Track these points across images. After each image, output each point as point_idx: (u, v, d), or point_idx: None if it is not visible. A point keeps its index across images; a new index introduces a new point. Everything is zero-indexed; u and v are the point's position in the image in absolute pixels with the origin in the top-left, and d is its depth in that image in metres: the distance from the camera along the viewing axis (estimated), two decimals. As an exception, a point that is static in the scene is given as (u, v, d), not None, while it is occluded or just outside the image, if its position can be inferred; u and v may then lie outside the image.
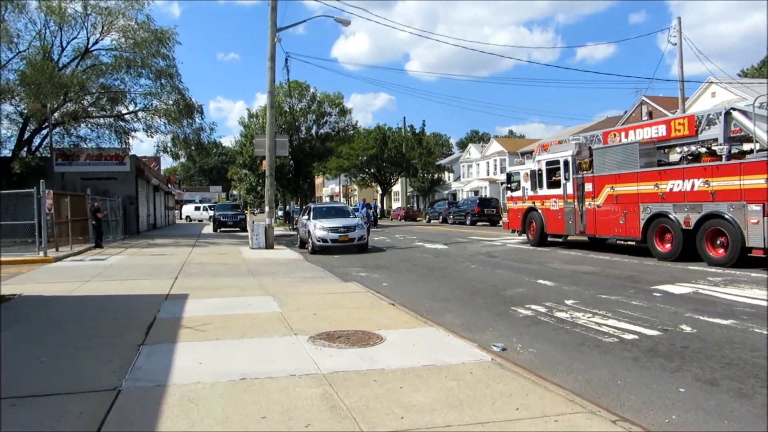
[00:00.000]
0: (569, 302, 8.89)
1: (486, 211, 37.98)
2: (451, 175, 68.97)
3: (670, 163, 15.06)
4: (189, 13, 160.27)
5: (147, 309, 8.14)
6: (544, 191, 18.34)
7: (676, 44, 25.44)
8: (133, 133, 26.99)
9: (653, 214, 14.14)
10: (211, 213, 47.63)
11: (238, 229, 34.92)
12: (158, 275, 12.24)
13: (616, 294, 9.42)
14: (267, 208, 21.03)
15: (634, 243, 15.94)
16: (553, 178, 17.84)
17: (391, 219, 57.10)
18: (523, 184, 19.63)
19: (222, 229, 35.35)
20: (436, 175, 61.37)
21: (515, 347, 6.49)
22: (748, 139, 12.94)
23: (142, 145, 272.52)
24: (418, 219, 54.40)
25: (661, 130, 15.05)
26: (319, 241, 18.72)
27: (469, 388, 4.62)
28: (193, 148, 28.01)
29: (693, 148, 14.54)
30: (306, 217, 20.72)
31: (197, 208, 64.69)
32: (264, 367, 5.18)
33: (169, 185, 51.78)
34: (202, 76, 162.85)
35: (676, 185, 13.58)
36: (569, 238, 18.28)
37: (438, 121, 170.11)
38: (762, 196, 11.45)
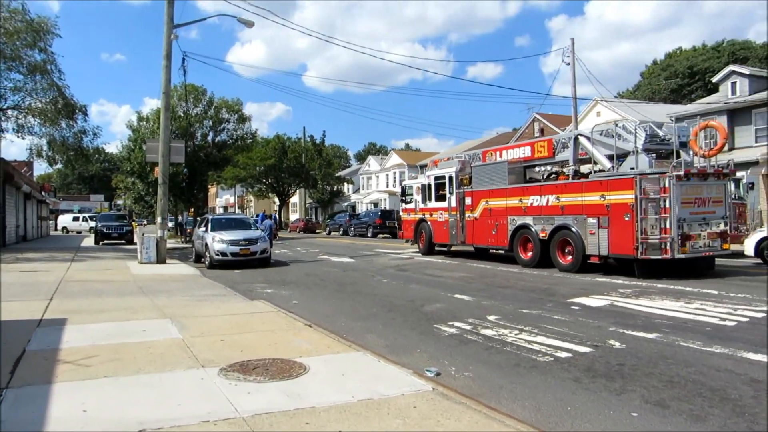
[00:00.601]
0: (492, 318, 8.60)
1: (387, 223, 37.87)
2: (351, 186, 68.69)
3: (532, 181, 16.66)
4: (70, 8, 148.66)
5: (13, 339, 6.78)
6: (433, 204, 19.60)
7: (569, 64, 26.78)
8: (1, 134, 23.96)
9: (518, 226, 15.77)
10: (93, 224, 43.75)
11: (123, 241, 32.20)
12: (29, 296, 10.56)
13: (536, 308, 9.27)
14: (159, 219, 19.33)
15: (503, 251, 17.22)
16: (440, 192, 19.11)
17: (290, 231, 55.74)
18: (415, 197, 20.81)
19: (105, 241, 32.45)
20: (336, 187, 60.74)
21: (449, 371, 6.00)
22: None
23: (11, 147, 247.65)
24: (318, 231, 53.48)
25: (527, 151, 16.81)
26: (217, 254, 17.42)
27: (418, 427, 4.02)
28: (72, 153, 25.36)
29: (549, 168, 16.58)
30: (203, 228, 19.29)
31: (76, 219, 59.35)
32: (169, 412, 4.26)
33: (44, 193, 46.95)
34: (85, 77, 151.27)
35: (536, 200, 15.20)
36: (453, 248, 19.73)
37: (335, 133, 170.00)
38: (598, 211, 13.23)
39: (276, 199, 65.54)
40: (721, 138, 14.27)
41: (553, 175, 15.99)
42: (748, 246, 14.67)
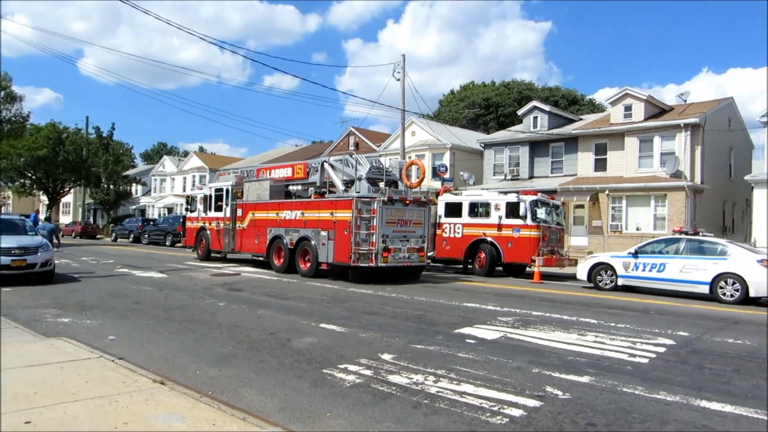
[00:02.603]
0: (388, 357, 7.09)
1: (190, 232, 34.06)
2: (141, 188, 61.68)
3: (287, 197, 18.69)
4: None
5: None
6: (212, 214, 21.16)
7: (399, 79, 26.75)
8: None
9: (274, 236, 17.78)
10: None
11: None
12: None
13: (429, 342, 8.00)
14: None
15: (262, 258, 18.81)
16: (219, 203, 20.77)
17: (63, 235, 47.73)
18: (198, 206, 22.33)
19: None
20: (122, 187, 53.74)
21: (393, 449, 4.33)
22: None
23: None
24: (99, 236, 46.78)
25: (289, 172, 18.92)
26: (-22, 266, 13.08)
27: None
28: None
29: (300, 187, 19.04)
30: (-45, 231, 14.46)
31: None
32: None
33: None
34: None
35: (288, 214, 17.32)
36: (228, 255, 21.60)
37: (118, 128, 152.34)
38: (328, 226, 15.61)
39: (44, 197, 56.13)
40: (421, 173, 17.50)
41: (310, 194, 18.26)
42: (581, 270, 15.38)
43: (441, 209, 19.54)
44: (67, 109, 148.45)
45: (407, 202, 15.63)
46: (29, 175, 49.54)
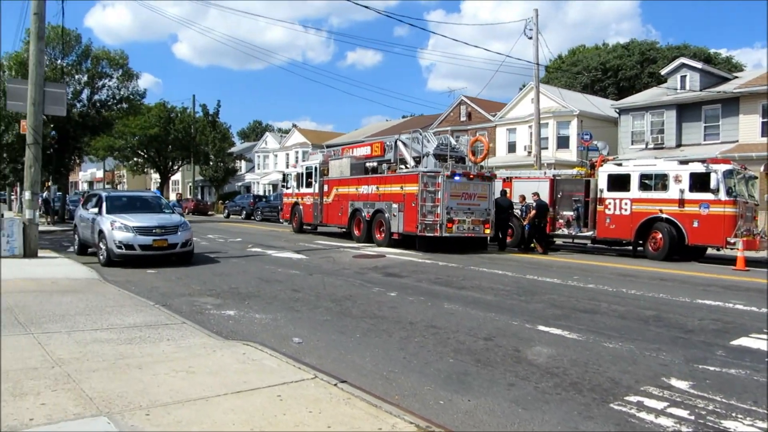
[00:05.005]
0: (682, 385, 5.11)
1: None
2: (245, 164, 62.54)
3: (366, 173, 19.79)
4: None
5: None
6: (304, 190, 22.71)
7: (531, 38, 24.13)
8: None
9: (354, 209, 19.22)
10: None
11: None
12: None
13: (713, 361, 5.89)
14: (27, 194, 13.70)
15: (344, 230, 20.25)
16: (309, 180, 22.35)
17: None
18: (292, 183, 23.95)
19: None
20: (231, 164, 54.46)
21: None
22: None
23: None
24: (210, 213, 47.62)
25: (368, 150, 20.24)
26: (120, 247, 12.34)
27: None
28: None
29: (376, 164, 19.81)
30: (94, 209, 13.82)
31: None
32: None
33: None
34: None
35: (365, 189, 18.64)
36: (318, 228, 23.04)
37: (213, 108, 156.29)
38: (399, 198, 16.90)
39: (155, 176, 58.09)
40: (485, 149, 18.87)
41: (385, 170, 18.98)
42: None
43: (602, 182, 16.87)
44: (166, 92, 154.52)
45: (471, 176, 16.42)
46: (142, 153, 51.07)
